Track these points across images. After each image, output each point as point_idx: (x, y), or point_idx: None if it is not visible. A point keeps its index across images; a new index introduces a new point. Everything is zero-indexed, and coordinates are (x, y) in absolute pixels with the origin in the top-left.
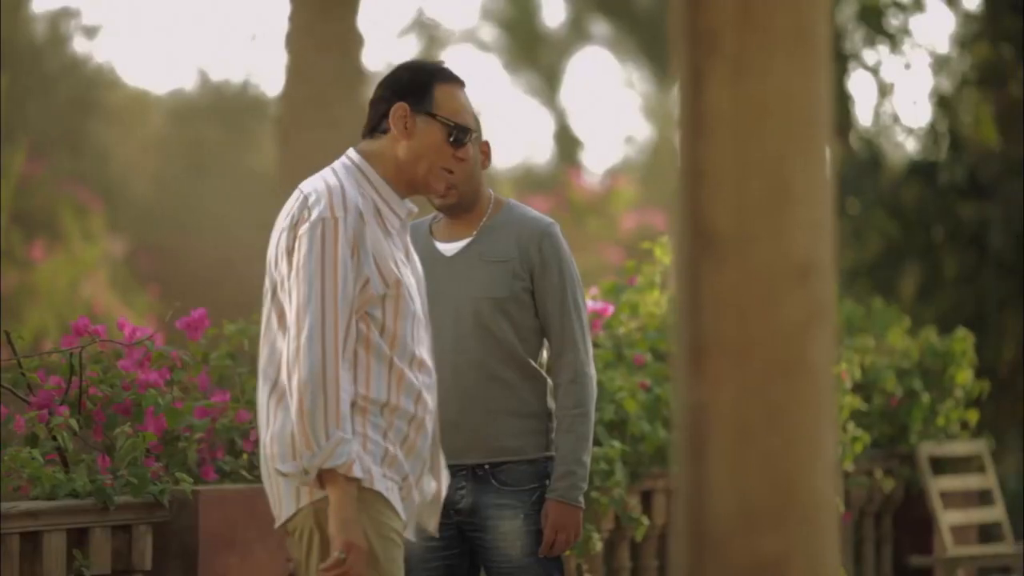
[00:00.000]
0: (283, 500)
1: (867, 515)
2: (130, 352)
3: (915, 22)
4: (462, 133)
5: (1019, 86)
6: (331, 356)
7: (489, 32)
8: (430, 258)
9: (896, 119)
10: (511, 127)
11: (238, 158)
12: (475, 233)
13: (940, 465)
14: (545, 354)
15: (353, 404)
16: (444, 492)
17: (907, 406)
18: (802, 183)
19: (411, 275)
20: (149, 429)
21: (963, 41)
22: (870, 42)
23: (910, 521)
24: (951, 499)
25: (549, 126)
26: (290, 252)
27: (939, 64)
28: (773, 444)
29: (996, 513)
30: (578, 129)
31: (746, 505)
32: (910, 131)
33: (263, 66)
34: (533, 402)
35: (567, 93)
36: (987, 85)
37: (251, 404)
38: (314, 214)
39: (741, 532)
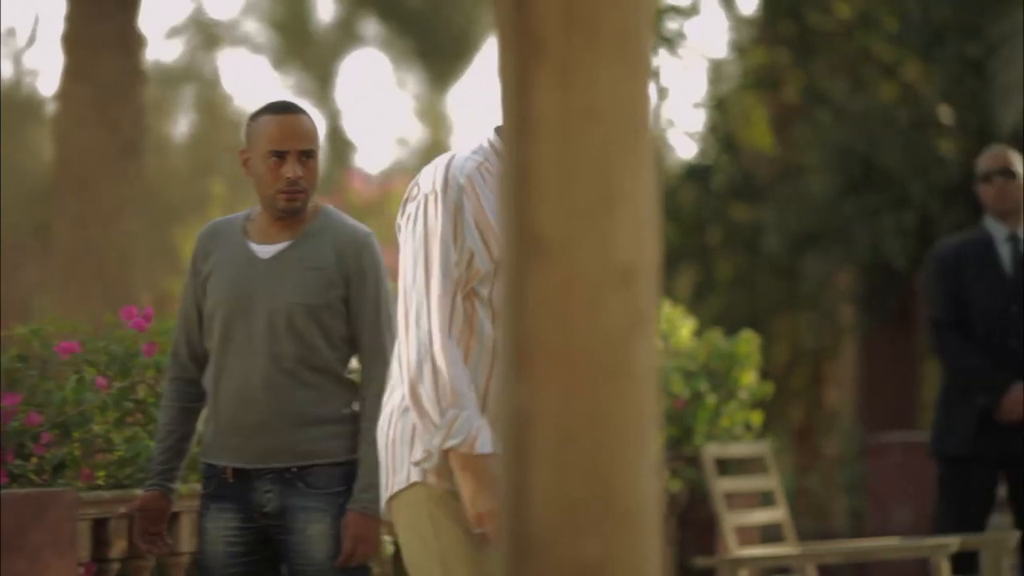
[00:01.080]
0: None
1: None
2: None
3: (692, 26)
4: None
5: (793, 90)
6: (438, 333)
7: (259, 31)
8: (244, 259)
9: (672, 123)
10: None
11: (10, 158)
12: (294, 238)
13: (724, 466)
14: (354, 361)
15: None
16: None
17: (693, 408)
18: (627, 186)
19: None
20: None
21: (739, 46)
22: None
23: (694, 522)
24: (735, 500)
25: (321, 127)
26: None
27: (715, 68)
28: (596, 447)
29: (778, 514)
30: (351, 131)
31: (568, 508)
32: (687, 134)
33: (38, 65)
34: (343, 407)
35: (339, 94)
36: (762, 89)
37: (41, 407)
38: (418, 191)
39: (563, 535)
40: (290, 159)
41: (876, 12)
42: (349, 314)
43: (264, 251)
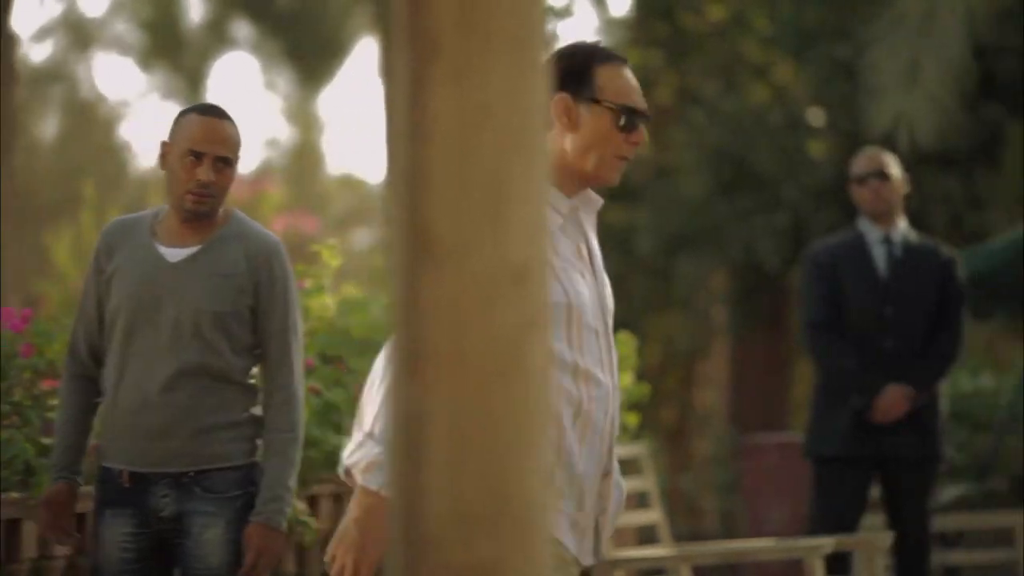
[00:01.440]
0: None
1: None
2: None
3: (565, 27)
4: (632, 115)
5: (666, 91)
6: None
7: (129, 31)
8: (151, 261)
9: None
10: (154, 129)
11: None
12: (203, 242)
13: None
14: (255, 368)
15: None
16: (614, 507)
17: None
18: (520, 187)
19: (579, 277)
20: None
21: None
22: None
23: None
24: None
25: None
26: None
27: None
28: (489, 449)
29: (654, 516)
30: None
31: (461, 510)
32: None
33: None
34: (243, 412)
35: (210, 95)
36: None
37: None
38: None
39: (456, 538)
40: (206, 162)
41: (748, 14)
42: (256, 322)
43: (172, 254)
